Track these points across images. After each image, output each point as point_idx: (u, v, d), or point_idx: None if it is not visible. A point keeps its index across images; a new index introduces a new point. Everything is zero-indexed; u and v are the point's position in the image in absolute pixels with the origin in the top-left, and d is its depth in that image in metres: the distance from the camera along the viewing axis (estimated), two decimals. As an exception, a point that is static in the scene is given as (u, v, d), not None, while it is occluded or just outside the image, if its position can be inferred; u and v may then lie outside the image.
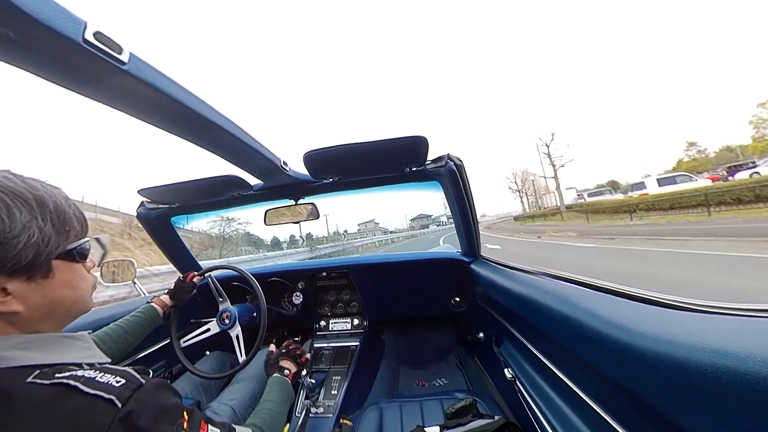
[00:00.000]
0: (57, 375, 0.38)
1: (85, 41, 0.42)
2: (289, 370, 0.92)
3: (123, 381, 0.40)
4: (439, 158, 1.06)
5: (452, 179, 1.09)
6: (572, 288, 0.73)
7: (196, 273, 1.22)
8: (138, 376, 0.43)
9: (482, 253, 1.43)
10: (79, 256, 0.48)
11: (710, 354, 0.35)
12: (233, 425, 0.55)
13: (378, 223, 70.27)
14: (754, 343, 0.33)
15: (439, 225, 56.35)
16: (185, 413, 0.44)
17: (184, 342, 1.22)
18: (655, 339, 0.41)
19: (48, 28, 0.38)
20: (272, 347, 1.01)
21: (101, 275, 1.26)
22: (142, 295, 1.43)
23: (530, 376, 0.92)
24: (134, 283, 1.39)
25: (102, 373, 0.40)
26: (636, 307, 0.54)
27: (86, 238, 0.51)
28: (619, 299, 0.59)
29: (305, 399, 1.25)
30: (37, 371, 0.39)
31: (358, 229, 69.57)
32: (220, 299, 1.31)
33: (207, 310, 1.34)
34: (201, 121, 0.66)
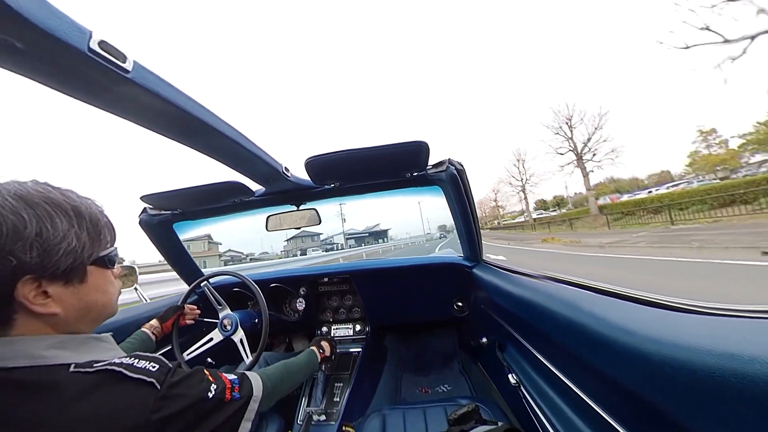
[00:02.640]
0: (95, 365, 0.42)
1: (90, 50, 0.42)
2: (323, 350, 1.12)
3: (157, 366, 0.46)
4: (440, 163, 1.07)
5: (453, 184, 1.09)
6: (576, 291, 0.72)
7: (179, 309, 1.19)
8: (167, 361, 0.49)
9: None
10: (109, 262, 0.52)
11: (718, 357, 0.34)
12: (244, 372, 0.63)
13: (230, 249, 42.33)
14: (760, 345, 0.33)
15: (330, 248, 36.86)
16: (206, 371, 0.53)
17: (187, 354, 1.20)
18: (661, 342, 0.41)
19: (54, 38, 0.39)
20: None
21: None
22: (144, 301, 1.43)
23: (535, 382, 0.90)
24: (136, 289, 1.39)
25: (137, 360, 0.45)
26: (641, 311, 0.53)
27: (116, 246, 0.54)
28: (623, 302, 0.59)
29: (307, 406, 1.24)
30: (74, 366, 0.42)
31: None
32: (219, 307, 1.30)
33: (210, 317, 1.34)
34: (203, 128, 0.66)
